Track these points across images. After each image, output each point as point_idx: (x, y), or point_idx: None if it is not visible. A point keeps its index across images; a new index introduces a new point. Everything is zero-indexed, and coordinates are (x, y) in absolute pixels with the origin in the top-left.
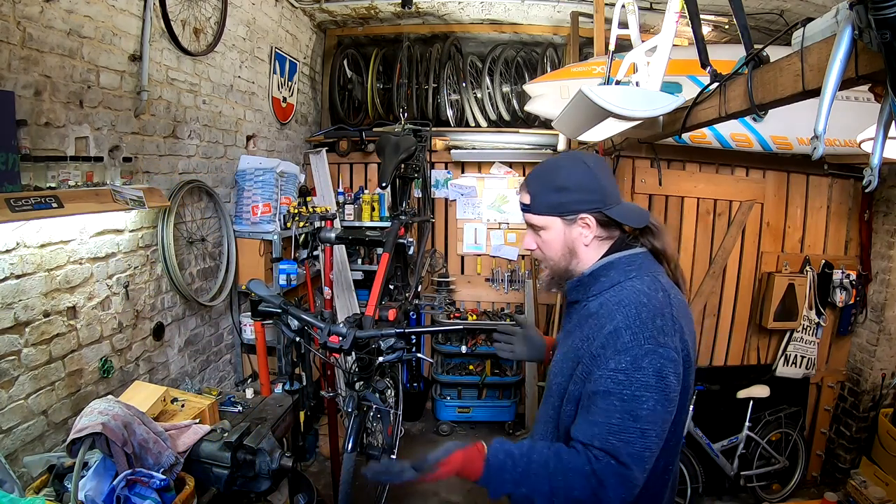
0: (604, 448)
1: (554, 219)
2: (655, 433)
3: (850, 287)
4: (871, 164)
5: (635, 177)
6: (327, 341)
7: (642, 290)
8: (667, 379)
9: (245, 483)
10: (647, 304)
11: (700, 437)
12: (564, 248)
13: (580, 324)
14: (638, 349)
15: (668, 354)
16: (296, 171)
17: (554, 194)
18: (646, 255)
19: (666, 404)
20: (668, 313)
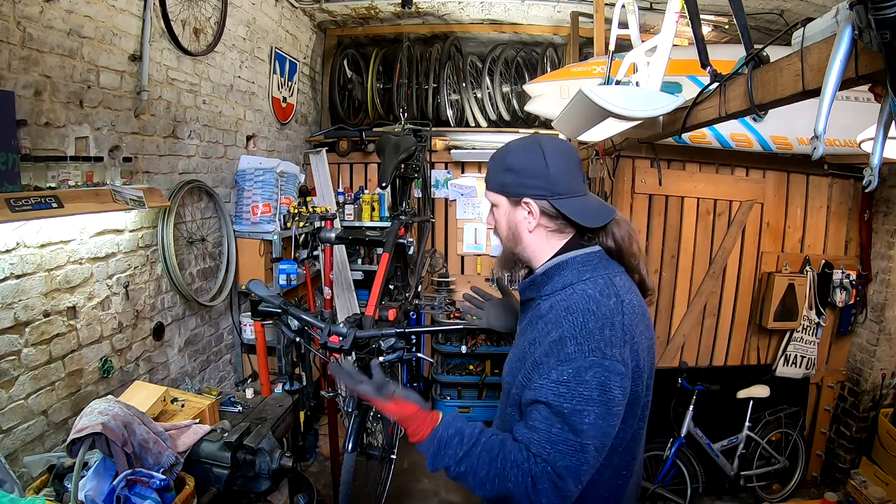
0: (541, 455)
1: (501, 197)
2: (595, 447)
3: (850, 287)
4: (871, 164)
5: (635, 177)
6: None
7: (593, 295)
8: (611, 392)
9: (245, 483)
10: (595, 311)
11: (700, 437)
12: (509, 230)
13: (532, 324)
14: (582, 360)
15: (613, 367)
16: (296, 171)
17: (502, 173)
18: (601, 254)
19: (608, 418)
20: (617, 322)
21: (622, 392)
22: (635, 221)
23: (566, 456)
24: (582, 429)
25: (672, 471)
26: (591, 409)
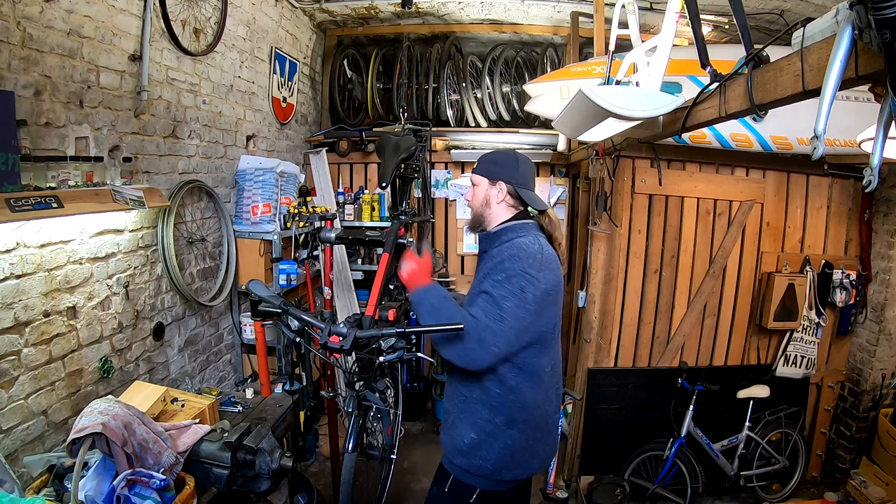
0: (477, 316)
1: (484, 179)
2: (510, 324)
3: (850, 287)
4: (871, 164)
5: (635, 177)
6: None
7: (524, 241)
8: (526, 293)
9: (245, 483)
10: (525, 248)
11: (700, 437)
12: (484, 200)
13: (483, 264)
14: (512, 270)
15: (530, 279)
16: (296, 171)
17: (489, 165)
18: (534, 225)
19: (522, 309)
20: (537, 258)
21: (533, 297)
22: (635, 221)
23: (489, 317)
24: (503, 306)
25: (672, 471)
26: (511, 298)
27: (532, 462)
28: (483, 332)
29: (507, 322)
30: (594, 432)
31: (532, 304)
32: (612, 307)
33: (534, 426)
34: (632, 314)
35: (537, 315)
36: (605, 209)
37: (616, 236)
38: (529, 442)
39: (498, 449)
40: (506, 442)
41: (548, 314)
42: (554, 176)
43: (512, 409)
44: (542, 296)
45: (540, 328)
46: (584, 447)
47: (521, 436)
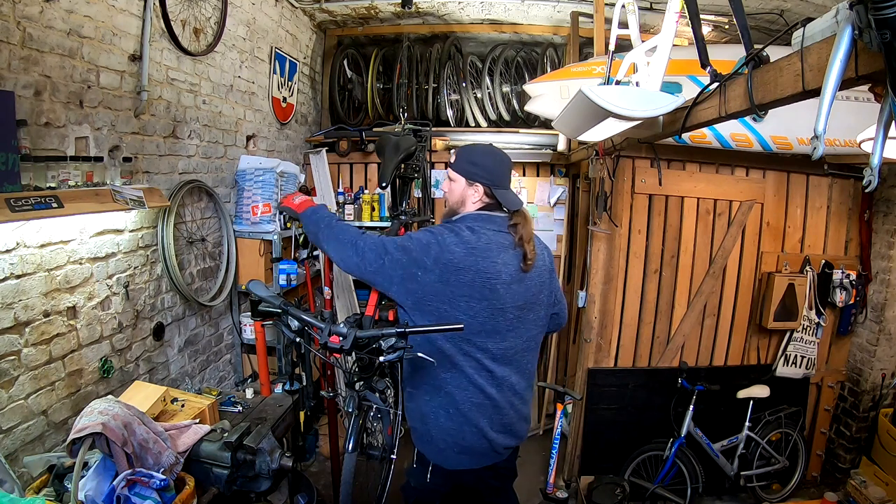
0: (363, 235)
1: (461, 178)
2: (390, 257)
3: (850, 287)
4: (871, 164)
5: (635, 177)
6: (328, 341)
7: (446, 225)
8: (409, 249)
9: (245, 483)
10: (435, 230)
11: (700, 436)
12: (460, 198)
13: None
14: (415, 234)
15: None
16: (296, 171)
17: (467, 164)
18: (494, 218)
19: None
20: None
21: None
22: (635, 221)
23: (373, 243)
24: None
25: (672, 471)
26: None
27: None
28: (380, 243)
29: (406, 255)
30: (594, 432)
31: (430, 259)
32: (612, 307)
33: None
34: (632, 314)
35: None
36: (605, 209)
37: (616, 236)
38: (429, 427)
39: (426, 423)
40: (422, 418)
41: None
42: (554, 176)
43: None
44: (447, 264)
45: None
46: (584, 447)
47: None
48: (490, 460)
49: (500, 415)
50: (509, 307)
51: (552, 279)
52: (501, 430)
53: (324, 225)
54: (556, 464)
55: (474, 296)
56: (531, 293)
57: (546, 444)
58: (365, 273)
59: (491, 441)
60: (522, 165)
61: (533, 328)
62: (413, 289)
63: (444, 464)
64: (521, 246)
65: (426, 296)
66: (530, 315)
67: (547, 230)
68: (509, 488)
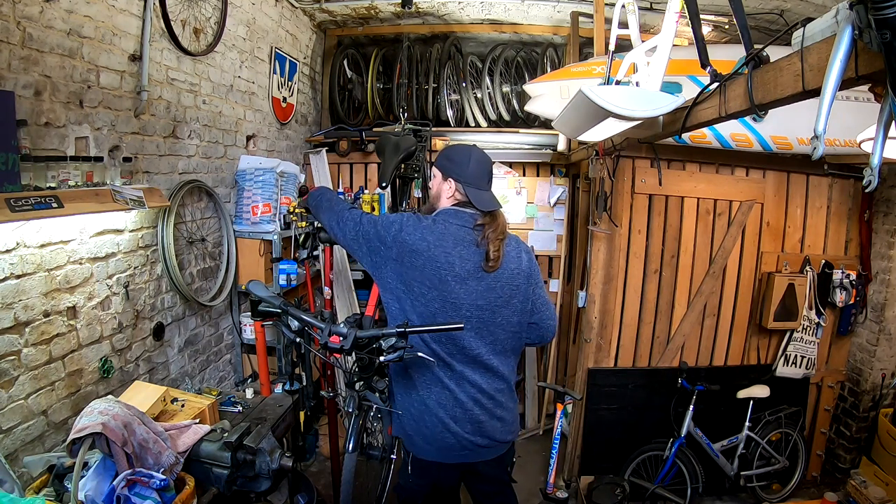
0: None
1: (438, 173)
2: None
3: (850, 287)
4: (871, 164)
5: (635, 177)
6: (328, 341)
7: (419, 215)
8: (382, 226)
9: (245, 483)
10: (417, 216)
11: (700, 436)
12: (437, 192)
13: None
14: (396, 214)
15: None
16: (296, 171)
17: (444, 160)
18: (471, 216)
19: (382, 225)
20: (426, 226)
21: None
22: (635, 221)
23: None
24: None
25: (672, 471)
26: (374, 221)
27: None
28: (359, 216)
29: (373, 228)
30: (594, 432)
31: (391, 237)
32: (612, 307)
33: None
34: (632, 314)
35: (392, 251)
36: (605, 209)
37: (616, 236)
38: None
39: (404, 415)
40: (401, 410)
41: (412, 273)
42: (554, 176)
43: (399, 385)
44: (402, 243)
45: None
46: (584, 447)
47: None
48: (462, 458)
49: (463, 409)
50: (465, 304)
51: (530, 286)
52: (468, 428)
53: (324, 200)
54: (556, 464)
55: (425, 283)
56: (496, 295)
57: (546, 444)
58: (344, 241)
59: (455, 435)
60: (522, 165)
61: (500, 332)
62: (377, 262)
63: (416, 453)
64: (485, 245)
65: (386, 271)
66: (496, 318)
67: (547, 230)
68: (503, 493)
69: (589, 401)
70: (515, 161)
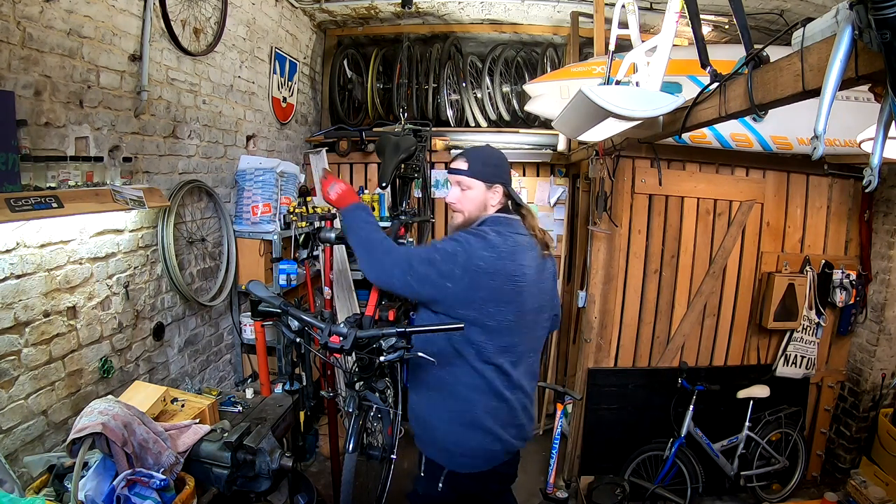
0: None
1: (480, 183)
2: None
3: (850, 287)
4: (871, 164)
5: (635, 177)
6: (328, 341)
7: (490, 231)
8: (457, 256)
9: (245, 483)
10: (483, 232)
11: (700, 436)
12: (480, 204)
13: None
14: (456, 237)
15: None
16: (296, 171)
17: (484, 167)
18: (512, 220)
19: (448, 264)
20: (496, 246)
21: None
22: (635, 221)
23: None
24: (432, 253)
25: (672, 471)
26: (444, 252)
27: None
28: (405, 260)
29: (433, 269)
30: (594, 432)
31: (459, 268)
32: (612, 307)
33: (465, 411)
34: (632, 314)
35: (463, 282)
36: (605, 209)
37: (616, 236)
38: (461, 425)
39: (444, 423)
40: (445, 417)
41: (487, 295)
42: (554, 176)
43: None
44: (476, 270)
45: (475, 307)
46: (584, 447)
47: (455, 415)
48: (498, 461)
49: (513, 417)
50: (529, 309)
51: (555, 282)
52: (514, 434)
53: (363, 232)
54: (556, 464)
55: (502, 300)
56: (545, 296)
57: (546, 444)
58: (393, 288)
59: (503, 442)
60: (522, 165)
61: (541, 330)
62: (442, 299)
63: (455, 468)
64: (541, 237)
65: (455, 305)
66: (542, 316)
67: (547, 230)
68: (508, 491)
69: (589, 401)
70: (515, 161)
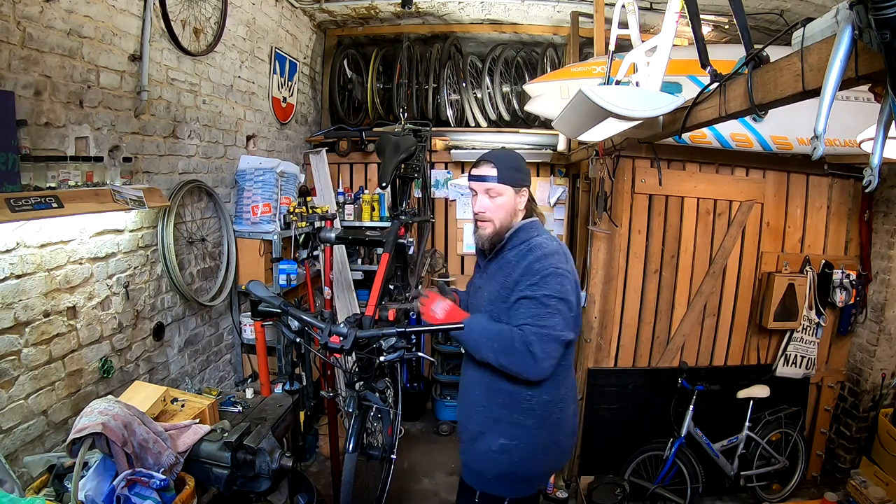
0: (527, 323)
1: (509, 188)
2: (561, 316)
3: (850, 287)
4: (871, 164)
5: (635, 177)
6: (328, 341)
7: (542, 241)
8: (565, 286)
9: (245, 483)
10: (546, 247)
11: (700, 437)
12: (511, 210)
13: (501, 269)
14: (545, 271)
15: (564, 273)
16: (296, 171)
17: (512, 172)
18: (538, 222)
19: (567, 301)
20: (561, 252)
21: (572, 287)
22: (635, 221)
23: (542, 320)
24: (549, 304)
25: (672, 471)
26: (553, 296)
27: (561, 457)
28: (535, 341)
29: (557, 315)
30: (594, 432)
31: (572, 296)
32: (612, 307)
33: (562, 421)
34: (632, 314)
35: (577, 306)
36: (605, 209)
37: (616, 236)
38: (558, 437)
39: (532, 450)
40: (537, 441)
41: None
42: (554, 176)
43: (544, 408)
44: (575, 286)
45: (579, 321)
46: (584, 447)
47: (551, 432)
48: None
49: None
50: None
51: None
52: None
53: (496, 344)
54: None
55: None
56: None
57: None
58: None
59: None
60: None
61: None
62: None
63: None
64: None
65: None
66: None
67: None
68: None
69: (589, 401)
70: None
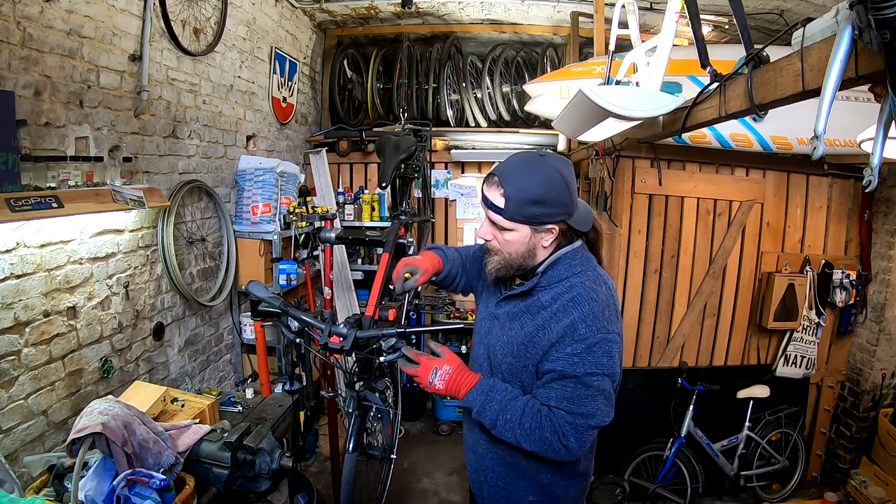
0: (561, 407)
1: (524, 226)
2: (604, 397)
3: (850, 287)
4: (871, 164)
5: (635, 177)
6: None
7: (591, 286)
8: (613, 358)
9: (245, 483)
10: (595, 299)
11: (700, 437)
12: (526, 249)
13: (530, 312)
14: (592, 338)
15: (614, 339)
16: (296, 171)
17: (530, 206)
18: (583, 247)
19: (613, 377)
20: (611, 304)
21: (620, 355)
22: (635, 221)
23: (582, 405)
24: (592, 384)
25: (672, 471)
26: (598, 371)
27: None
28: (571, 432)
29: (600, 398)
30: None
31: (619, 365)
32: None
33: (589, 459)
34: (632, 314)
35: (620, 366)
36: (605, 209)
37: (616, 236)
38: (587, 483)
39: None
40: (569, 491)
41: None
42: None
43: (578, 460)
44: (620, 343)
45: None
46: None
47: (584, 481)
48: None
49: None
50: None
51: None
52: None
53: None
54: None
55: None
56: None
57: None
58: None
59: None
60: None
61: None
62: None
63: None
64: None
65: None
66: None
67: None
68: None
69: None
70: None
